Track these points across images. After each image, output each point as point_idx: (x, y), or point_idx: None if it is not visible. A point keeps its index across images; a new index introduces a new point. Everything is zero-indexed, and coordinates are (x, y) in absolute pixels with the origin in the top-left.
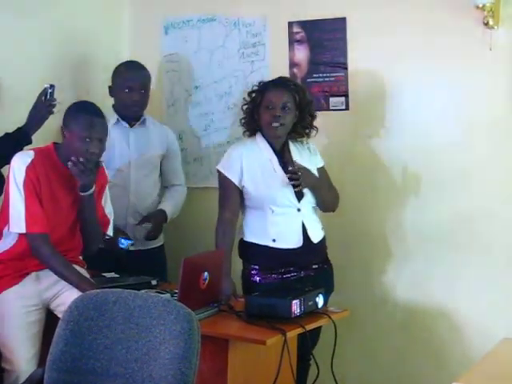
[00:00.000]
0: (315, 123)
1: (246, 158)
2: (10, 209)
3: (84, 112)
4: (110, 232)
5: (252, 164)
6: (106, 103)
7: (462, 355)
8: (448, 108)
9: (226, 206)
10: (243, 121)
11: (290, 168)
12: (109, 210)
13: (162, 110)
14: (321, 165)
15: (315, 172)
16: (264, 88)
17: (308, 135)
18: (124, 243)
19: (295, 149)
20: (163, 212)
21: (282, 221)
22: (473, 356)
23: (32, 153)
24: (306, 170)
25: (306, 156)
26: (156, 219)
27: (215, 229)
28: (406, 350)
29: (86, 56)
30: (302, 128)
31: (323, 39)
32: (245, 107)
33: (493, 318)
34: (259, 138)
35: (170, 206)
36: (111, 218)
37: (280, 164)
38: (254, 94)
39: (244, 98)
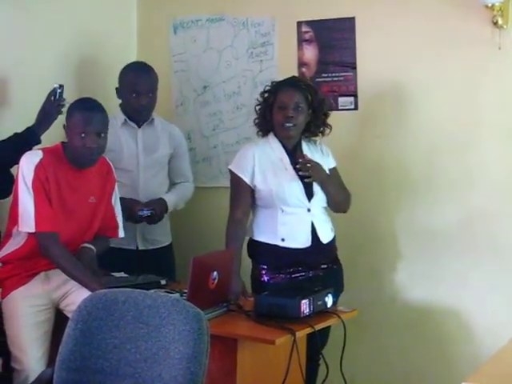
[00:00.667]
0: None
1: (257, 158)
2: (19, 208)
3: (79, 108)
4: (121, 234)
5: (263, 163)
6: (114, 102)
7: (472, 355)
8: (457, 107)
9: (237, 206)
10: (256, 121)
11: (300, 160)
12: (118, 211)
13: (170, 110)
14: (333, 165)
15: (327, 170)
16: (276, 88)
17: (322, 133)
18: (145, 211)
19: (308, 149)
20: (163, 200)
21: (292, 220)
22: (482, 356)
23: (40, 152)
24: (317, 164)
25: (319, 156)
26: (156, 206)
27: (226, 228)
28: (415, 349)
29: (95, 56)
30: (315, 127)
31: (332, 39)
32: (257, 108)
33: (502, 317)
34: (271, 138)
35: (171, 196)
36: (120, 219)
37: (291, 164)
38: (266, 95)
39: (257, 99)
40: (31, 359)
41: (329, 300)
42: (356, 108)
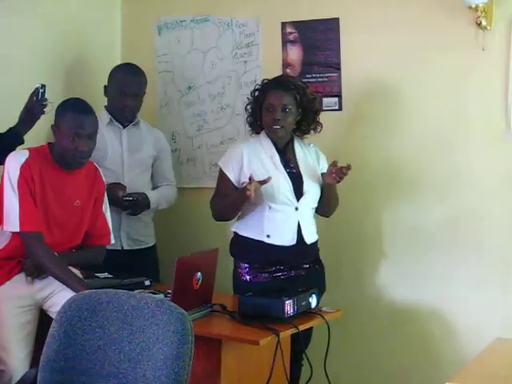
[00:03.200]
0: None
1: (246, 156)
2: (4, 207)
3: (71, 109)
4: (111, 241)
5: (253, 161)
6: (99, 103)
7: (455, 355)
8: (441, 108)
9: (218, 198)
10: (248, 119)
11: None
12: (108, 218)
13: (154, 111)
14: (325, 171)
15: (319, 175)
16: (265, 88)
17: (314, 130)
18: (128, 197)
19: (300, 148)
20: (145, 195)
21: (279, 217)
22: (466, 356)
23: (27, 152)
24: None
25: (310, 157)
26: (138, 196)
27: (212, 211)
28: (399, 350)
29: (80, 56)
30: (306, 125)
31: (316, 39)
32: (248, 107)
33: (486, 317)
34: (263, 137)
35: (153, 193)
36: (110, 226)
37: (282, 162)
38: (256, 93)
39: (247, 98)
40: (15, 360)
41: (313, 300)
42: (340, 109)
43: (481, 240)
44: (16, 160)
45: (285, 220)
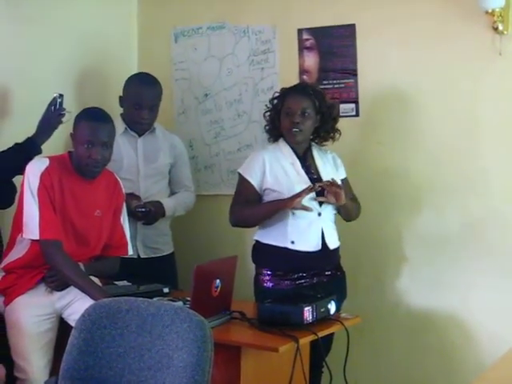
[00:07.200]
0: None
1: (268, 162)
2: (24, 215)
3: (86, 117)
4: (130, 251)
5: (275, 167)
6: (115, 112)
7: (474, 362)
8: (458, 113)
9: (241, 203)
10: (266, 127)
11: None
12: (127, 229)
13: (172, 118)
14: (344, 176)
15: (339, 182)
16: (284, 94)
17: (333, 139)
18: (140, 208)
19: (318, 156)
20: (159, 203)
21: (302, 223)
22: (485, 362)
23: (47, 160)
24: (341, 189)
25: (329, 165)
26: (152, 206)
27: (233, 216)
28: (418, 356)
29: (96, 66)
30: (325, 132)
31: (333, 46)
32: (267, 114)
33: (505, 324)
34: (282, 144)
35: (168, 200)
36: (128, 237)
37: (302, 168)
38: (275, 101)
39: (266, 105)
40: (35, 368)
41: (332, 307)
42: (357, 115)
43: (502, 246)
44: (36, 168)
45: (309, 226)
